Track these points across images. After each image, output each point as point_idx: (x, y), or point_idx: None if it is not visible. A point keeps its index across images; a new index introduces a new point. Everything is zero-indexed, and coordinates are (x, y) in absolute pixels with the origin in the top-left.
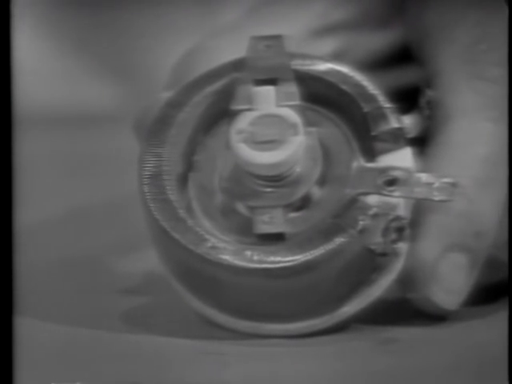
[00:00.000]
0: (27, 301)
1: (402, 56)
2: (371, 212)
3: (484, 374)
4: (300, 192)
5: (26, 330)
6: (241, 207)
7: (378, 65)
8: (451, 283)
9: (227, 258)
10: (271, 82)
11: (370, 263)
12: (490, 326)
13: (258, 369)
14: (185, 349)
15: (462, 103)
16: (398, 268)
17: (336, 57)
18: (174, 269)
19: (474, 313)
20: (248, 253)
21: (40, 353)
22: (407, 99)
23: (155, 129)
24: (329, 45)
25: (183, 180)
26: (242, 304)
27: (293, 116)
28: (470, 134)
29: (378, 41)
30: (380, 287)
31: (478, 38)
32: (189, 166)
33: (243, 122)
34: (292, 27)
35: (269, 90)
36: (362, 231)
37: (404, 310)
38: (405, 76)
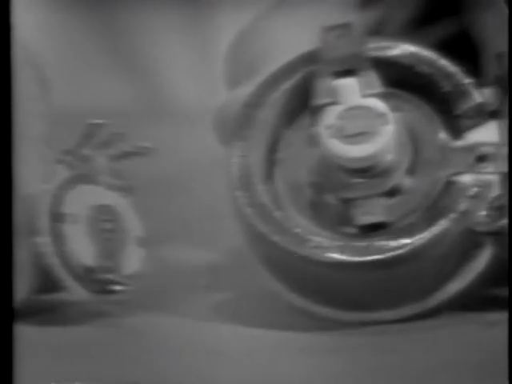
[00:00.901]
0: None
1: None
2: (470, 192)
3: (484, 374)
4: (392, 179)
5: (26, 330)
6: (331, 200)
7: (417, 26)
8: None
9: (336, 255)
10: (349, 72)
11: (473, 244)
12: (490, 327)
13: (256, 368)
14: (185, 349)
15: None
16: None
17: (377, 28)
18: (274, 270)
19: (474, 313)
20: (356, 245)
21: (40, 353)
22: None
23: (237, 131)
24: (367, 18)
25: (270, 179)
26: (350, 297)
27: (380, 105)
28: None
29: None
30: (480, 264)
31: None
32: (273, 164)
33: (331, 117)
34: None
35: (350, 81)
36: (464, 213)
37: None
38: (446, 29)
